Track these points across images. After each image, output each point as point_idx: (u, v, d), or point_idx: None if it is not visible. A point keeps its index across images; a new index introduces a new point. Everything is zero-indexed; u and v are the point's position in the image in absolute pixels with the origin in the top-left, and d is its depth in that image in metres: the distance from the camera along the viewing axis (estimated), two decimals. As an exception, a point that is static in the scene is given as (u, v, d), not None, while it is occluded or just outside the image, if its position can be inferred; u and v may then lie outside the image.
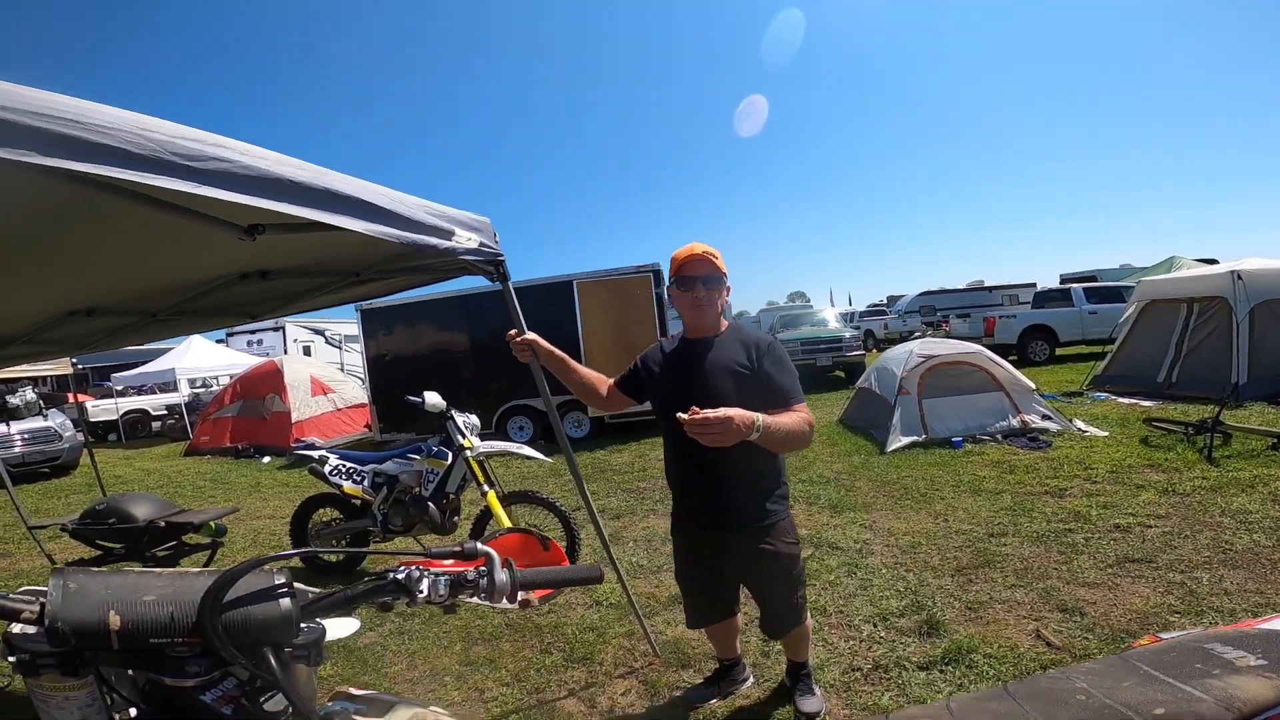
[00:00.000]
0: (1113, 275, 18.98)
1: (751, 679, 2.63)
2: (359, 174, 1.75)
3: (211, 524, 4.19)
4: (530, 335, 2.34)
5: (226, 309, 3.26)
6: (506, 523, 3.73)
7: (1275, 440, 5.35)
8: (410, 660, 3.17)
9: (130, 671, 0.85)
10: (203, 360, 14.96)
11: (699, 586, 2.33)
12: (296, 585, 0.90)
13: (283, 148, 1.50)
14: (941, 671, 2.60)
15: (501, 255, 2.36)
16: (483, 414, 4.76)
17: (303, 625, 0.88)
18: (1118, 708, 1.03)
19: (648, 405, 2.27)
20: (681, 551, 2.32)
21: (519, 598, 1.01)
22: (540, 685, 2.82)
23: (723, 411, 1.66)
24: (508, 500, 4.00)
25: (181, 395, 15.08)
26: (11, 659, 0.76)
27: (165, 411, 15.74)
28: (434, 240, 1.99)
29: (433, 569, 0.98)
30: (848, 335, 13.65)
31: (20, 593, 0.81)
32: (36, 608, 0.77)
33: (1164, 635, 1.42)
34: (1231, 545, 3.56)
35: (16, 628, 0.78)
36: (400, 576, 0.94)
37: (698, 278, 2.09)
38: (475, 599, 0.99)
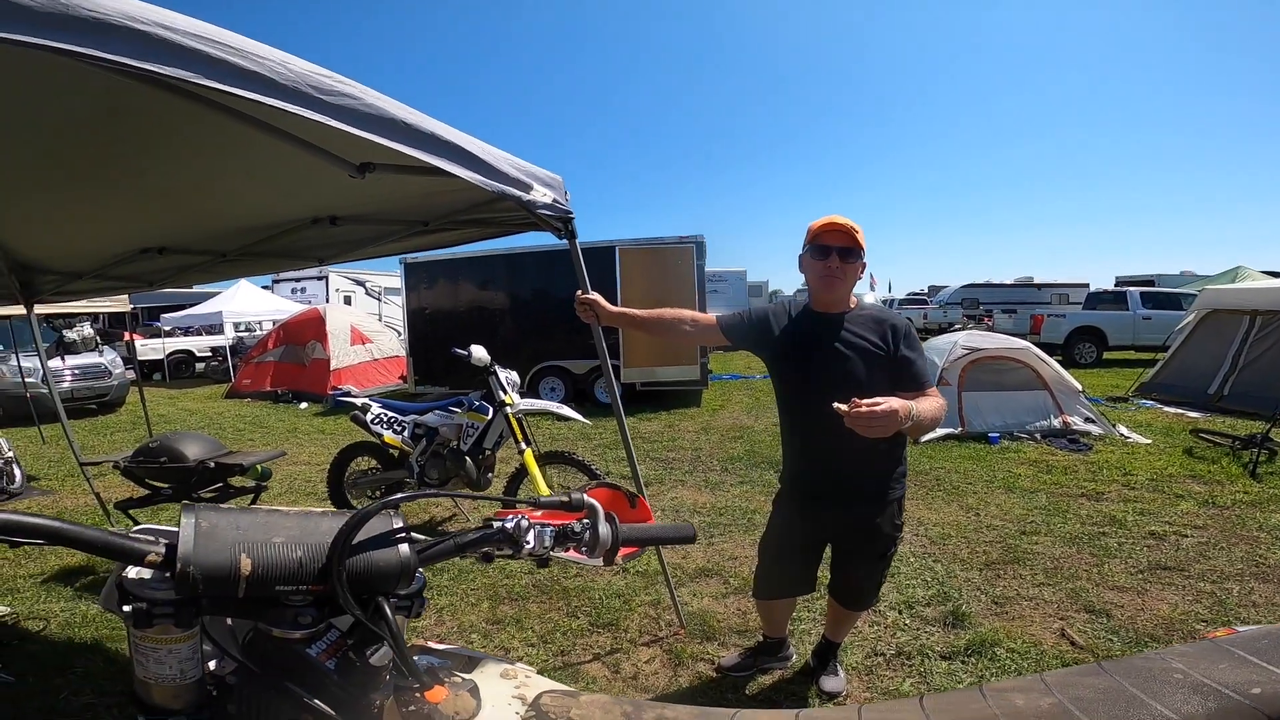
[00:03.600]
0: (1172, 281, 18.26)
1: (795, 656, 2.62)
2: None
3: (258, 467, 4.13)
4: (593, 295, 2.37)
5: (294, 252, 3.37)
6: (541, 482, 3.77)
7: (1329, 462, 5.17)
8: (439, 615, 3.16)
9: (229, 621, 0.77)
10: (249, 305, 15.25)
11: (790, 559, 2.27)
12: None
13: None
14: (964, 662, 2.62)
15: (571, 213, 2.42)
16: (517, 372, 4.80)
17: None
18: (1215, 686, 1.04)
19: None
20: (785, 522, 2.26)
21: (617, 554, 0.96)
22: (565, 648, 2.84)
23: (887, 405, 1.59)
24: (543, 460, 4.00)
25: (226, 338, 15.27)
26: (127, 609, 0.66)
27: (209, 353, 15.90)
28: (516, 191, 2.06)
29: (536, 520, 0.93)
30: None
31: (137, 532, 0.72)
32: (161, 549, 0.68)
33: (1240, 628, 1.42)
34: (1265, 559, 3.51)
35: (133, 572, 0.69)
36: (509, 526, 0.89)
37: (834, 248, 2.00)
38: (574, 554, 0.94)
